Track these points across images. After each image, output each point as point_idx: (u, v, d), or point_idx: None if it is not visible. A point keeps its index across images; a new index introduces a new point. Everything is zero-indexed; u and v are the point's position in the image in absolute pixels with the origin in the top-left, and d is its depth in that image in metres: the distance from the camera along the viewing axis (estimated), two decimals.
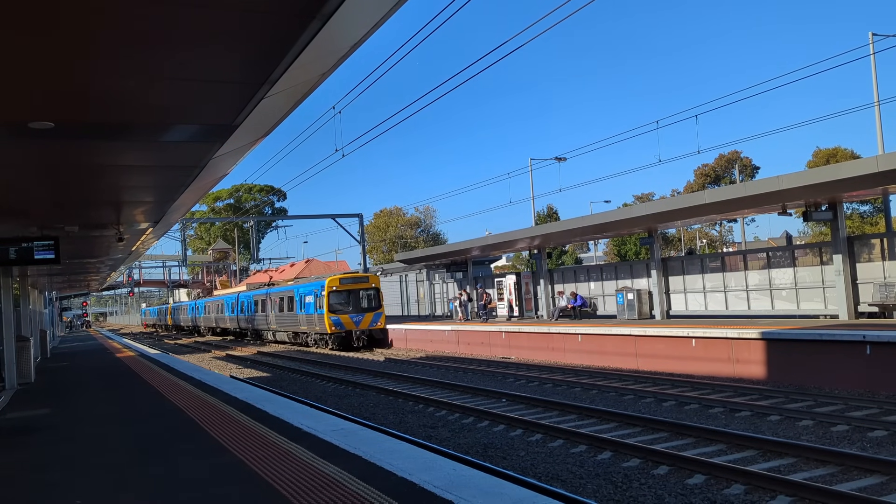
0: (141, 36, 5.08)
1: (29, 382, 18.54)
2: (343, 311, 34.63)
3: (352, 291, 35.17)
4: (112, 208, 13.17)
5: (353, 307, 34.88)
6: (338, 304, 34.74)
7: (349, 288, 35.20)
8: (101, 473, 7.72)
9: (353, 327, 34.57)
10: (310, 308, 36.51)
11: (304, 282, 40.43)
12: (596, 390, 17.25)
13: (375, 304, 35.62)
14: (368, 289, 35.85)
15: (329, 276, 36.71)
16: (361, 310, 35.11)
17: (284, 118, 8.18)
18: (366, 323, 34.93)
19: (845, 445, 10.73)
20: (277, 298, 42.31)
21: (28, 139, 7.46)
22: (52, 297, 50.30)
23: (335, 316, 34.44)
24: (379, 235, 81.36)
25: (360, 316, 34.91)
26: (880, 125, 28.82)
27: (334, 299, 34.81)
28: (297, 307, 38.53)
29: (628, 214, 24.65)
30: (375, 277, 37.06)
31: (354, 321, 34.60)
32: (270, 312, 43.68)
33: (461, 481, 6.32)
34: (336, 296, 34.87)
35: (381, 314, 35.74)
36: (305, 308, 37.20)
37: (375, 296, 35.89)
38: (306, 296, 37.11)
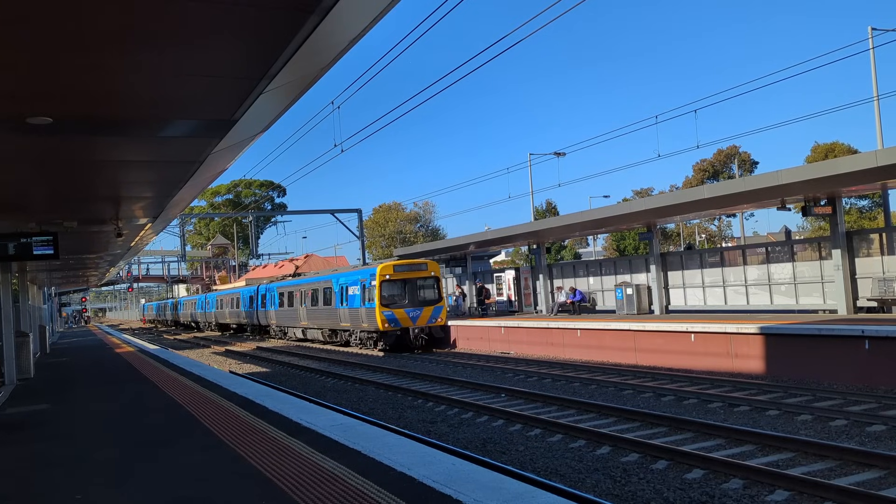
0: (140, 31, 5.07)
1: (28, 378, 18.54)
2: (397, 305, 29.25)
3: (408, 281, 29.66)
4: (111, 204, 13.17)
5: (409, 300, 29.50)
6: (391, 296, 29.42)
7: (405, 277, 29.75)
8: (100, 468, 7.72)
9: (409, 324, 29.15)
10: (354, 301, 31.27)
11: (345, 270, 35.34)
12: (595, 385, 17.27)
13: (435, 296, 30.32)
14: (427, 277, 30.36)
15: (381, 263, 30.99)
16: (419, 303, 29.70)
17: (283, 113, 8.17)
18: (424, 319, 29.51)
19: (844, 440, 10.75)
20: (310, 290, 36.85)
21: (26, 134, 7.45)
22: (51, 293, 50.29)
23: (388, 310, 28.95)
24: (378, 230, 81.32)
25: (417, 310, 29.42)
26: (879, 120, 28.83)
27: (387, 290, 29.36)
28: (338, 300, 33.05)
29: (627, 209, 24.62)
30: (435, 264, 31.18)
31: (411, 317, 29.25)
32: (300, 307, 38.25)
33: (460, 476, 6.33)
34: (389, 286, 29.43)
35: (443, 308, 30.32)
36: (349, 301, 31.82)
37: (435, 286, 30.48)
38: (350, 286, 31.83)
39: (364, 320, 30.42)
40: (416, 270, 30.34)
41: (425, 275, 30.37)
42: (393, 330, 29.18)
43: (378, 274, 29.32)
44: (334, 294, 33.52)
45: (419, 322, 29.43)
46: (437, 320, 29.99)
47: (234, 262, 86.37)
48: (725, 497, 8.25)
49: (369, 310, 29.73)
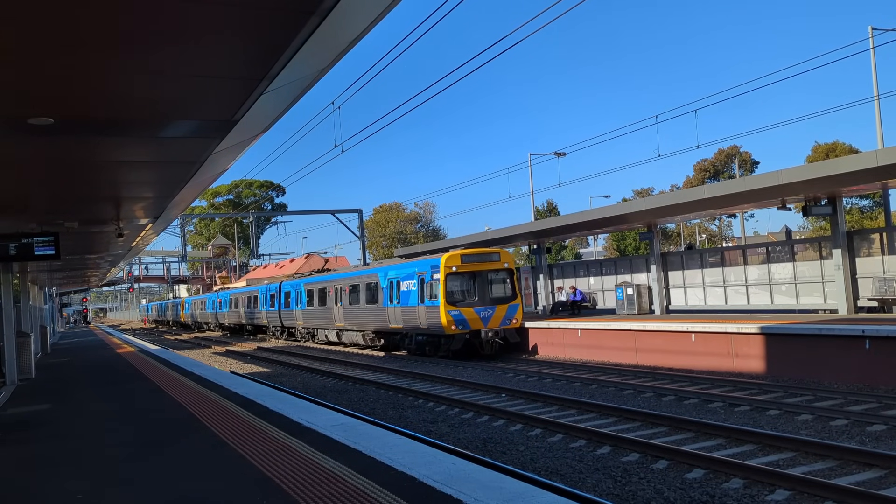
0: (141, 32, 5.09)
1: (29, 378, 18.56)
2: (466, 303, 24.73)
3: (477, 274, 25.15)
4: (112, 204, 13.18)
5: (479, 296, 24.99)
6: (458, 293, 24.97)
7: (474, 269, 25.15)
8: (102, 468, 7.74)
9: (480, 326, 24.57)
10: (409, 298, 26.62)
11: (394, 262, 30.03)
12: (595, 385, 17.27)
13: (509, 293, 25.65)
14: (499, 270, 25.69)
15: (447, 253, 25.57)
16: (491, 300, 25.10)
17: (284, 114, 8.18)
18: (497, 319, 24.89)
19: (844, 440, 10.75)
20: (347, 287, 32.19)
21: (28, 135, 7.46)
22: (52, 293, 50.33)
23: (455, 310, 24.36)
24: (378, 231, 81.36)
25: (489, 310, 24.84)
26: (880, 119, 28.83)
27: (453, 285, 24.89)
28: (385, 297, 28.43)
29: (628, 209, 24.64)
30: (508, 255, 26.44)
31: (482, 317, 24.63)
32: (335, 306, 33.51)
33: (461, 475, 6.34)
34: (456, 280, 24.96)
35: (518, 307, 25.56)
36: (401, 298, 27.13)
37: (509, 280, 25.78)
38: (403, 281, 27.11)
39: (423, 321, 25.63)
40: (487, 261, 25.62)
41: (497, 266, 25.63)
42: (461, 333, 24.36)
43: (443, 265, 24.66)
44: (381, 290, 28.83)
45: (491, 323, 24.74)
46: (511, 321, 25.17)
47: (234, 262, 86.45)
48: (726, 497, 8.26)
49: (430, 309, 25.03)
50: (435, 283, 24.84)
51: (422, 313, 25.64)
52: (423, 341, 26.62)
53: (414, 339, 27.10)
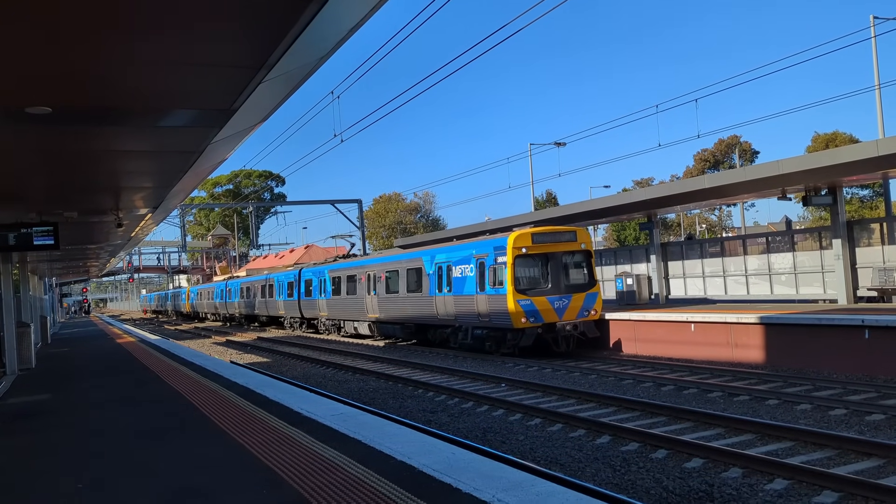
0: (139, 19, 5.06)
1: (30, 368, 18.59)
2: (538, 291, 20.94)
3: (551, 257, 21.27)
4: (111, 194, 13.17)
5: (553, 283, 21.12)
6: (529, 279, 21.20)
7: (547, 250, 21.27)
8: (102, 458, 7.75)
9: (554, 318, 20.74)
10: (464, 285, 22.83)
11: (443, 244, 26.04)
12: (595, 375, 17.30)
13: (587, 279, 21.82)
14: (576, 252, 21.80)
15: (515, 232, 21.49)
16: (567, 288, 21.26)
17: (283, 103, 8.16)
18: (574, 310, 21.05)
19: (843, 429, 10.78)
20: (383, 273, 28.69)
21: (26, 124, 7.44)
22: (52, 284, 50.35)
23: (526, 299, 20.56)
24: (378, 221, 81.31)
25: (564, 299, 21.00)
26: (881, 109, 28.74)
27: (523, 269, 21.13)
28: (433, 285, 24.71)
29: (628, 199, 24.62)
30: (585, 233, 22.32)
31: (556, 308, 20.82)
32: (368, 295, 29.97)
33: (460, 464, 6.35)
34: (526, 263, 21.15)
35: (597, 295, 21.72)
36: (454, 286, 23.32)
37: (586, 264, 21.97)
38: (457, 265, 23.27)
39: (483, 312, 21.94)
40: (562, 241, 21.60)
41: (573, 247, 21.68)
42: (532, 326, 20.55)
43: (510, 246, 20.82)
44: (426, 277, 25.22)
45: (567, 315, 20.96)
46: (589, 313, 21.33)
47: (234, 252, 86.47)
48: (724, 486, 8.28)
49: (494, 298, 21.31)
50: (500, 267, 21.08)
51: (481, 303, 21.90)
52: (481, 336, 22.63)
53: (470, 333, 23.13)
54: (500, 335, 21.81)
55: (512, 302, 20.57)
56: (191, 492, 6.21)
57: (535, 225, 23.14)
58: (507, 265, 20.81)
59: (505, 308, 20.80)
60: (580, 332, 21.13)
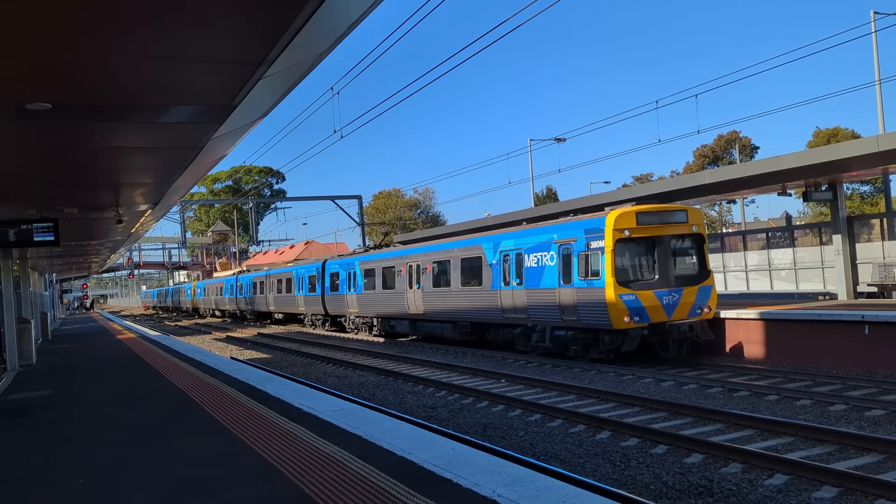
0: (138, 15, 5.05)
1: (30, 364, 18.61)
2: (642, 284, 17.44)
3: (657, 242, 17.71)
4: (111, 190, 13.17)
5: (660, 274, 17.62)
6: (631, 269, 17.72)
7: (653, 233, 17.72)
8: (103, 453, 7.77)
9: (662, 317, 17.24)
10: (543, 276, 19.16)
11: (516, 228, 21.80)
12: (594, 371, 17.31)
13: (699, 269, 18.32)
14: (685, 235, 18.28)
15: (615, 211, 17.79)
16: (677, 280, 17.73)
17: (282, 99, 8.16)
18: (685, 308, 17.54)
19: (843, 424, 10.79)
20: (430, 264, 25.33)
21: (25, 120, 7.44)
22: (52, 280, 50.37)
23: (629, 293, 17.03)
24: (378, 217, 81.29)
25: (674, 293, 17.47)
26: (881, 104, 28.72)
27: (625, 256, 17.62)
28: (496, 276, 21.22)
29: (627, 195, 24.60)
30: (698, 213, 18.80)
31: (665, 304, 17.29)
32: (410, 289, 26.48)
33: (460, 460, 6.36)
34: (628, 249, 17.65)
35: (711, 288, 18.18)
36: (528, 278, 19.74)
37: (699, 250, 18.49)
38: (531, 253, 19.74)
39: (569, 309, 18.27)
40: (671, 222, 18.03)
41: (684, 230, 18.16)
42: (638, 327, 17.06)
43: (610, 228, 17.20)
44: (487, 267, 21.74)
45: (677, 313, 17.41)
46: (703, 310, 17.83)
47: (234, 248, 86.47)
48: (724, 481, 8.29)
49: (585, 292, 17.72)
50: (594, 254, 17.49)
51: (566, 298, 18.28)
52: (564, 338, 18.80)
53: (550, 334, 19.29)
54: (592, 337, 18.10)
55: (612, 297, 16.96)
56: (192, 486, 6.22)
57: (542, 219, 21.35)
58: (605, 251, 17.19)
59: (602, 304, 17.18)
60: (696, 333, 17.49)
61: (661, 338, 17.38)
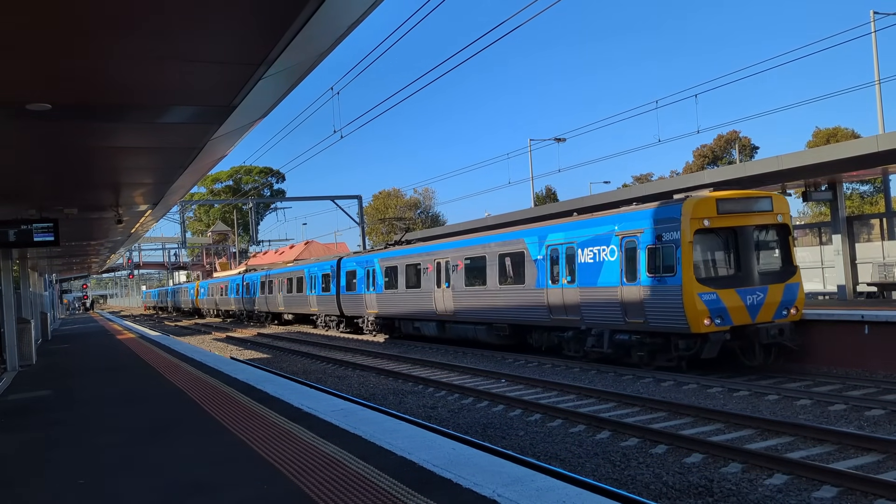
0: (138, 17, 5.05)
1: (30, 364, 18.61)
2: (723, 281, 15.57)
3: (739, 233, 15.77)
4: (111, 190, 13.17)
5: (743, 270, 15.72)
6: (710, 263, 15.86)
7: (735, 223, 15.78)
8: (103, 454, 7.77)
9: (745, 319, 15.28)
10: (601, 273, 17.16)
11: (566, 220, 19.47)
12: (594, 371, 17.31)
13: (784, 265, 16.45)
14: (769, 226, 16.36)
15: (692, 198, 15.75)
16: (761, 277, 15.80)
17: (282, 99, 8.16)
18: (770, 308, 15.58)
19: (842, 424, 10.80)
20: (461, 261, 23.23)
21: (26, 121, 7.44)
22: (52, 280, 50.36)
23: (710, 292, 15.09)
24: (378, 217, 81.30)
25: (758, 292, 15.54)
26: (881, 104, 28.72)
27: (703, 250, 15.70)
28: (542, 274, 19.31)
29: (627, 195, 24.62)
30: (783, 200, 16.72)
31: (748, 304, 15.37)
32: (438, 288, 24.48)
33: (460, 460, 6.37)
34: (708, 241, 15.78)
35: (798, 287, 16.19)
36: (582, 275, 17.77)
37: (783, 243, 16.57)
38: (585, 247, 17.73)
39: (633, 310, 16.24)
40: (754, 211, 16.04)
41: (769, 220, 16.19)
42: (719, 331, 15.06)
43: (687, 217, 15.22)
44: (532, 264, 19.77)
45: (761, 315, 15.46)
46: (789, 311, 15.85)
47: (234, 248, 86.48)
48: (724, 481, 8.30)
49: (655, 291, 15.70)
50: (667, 247, 15.45)
51: (631, 298, 16.25)
52: (627, 343, 16.73)
53: (607, 338, 17.26)
54: (662, 342, 16.09)
55: (690, 296, 14.94)
56: (192, 486, 6.22)
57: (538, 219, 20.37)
58: (681, 244, 15.15)
59: (677, 304, 15.16)
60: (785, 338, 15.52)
61: (743, 343, 15.47)
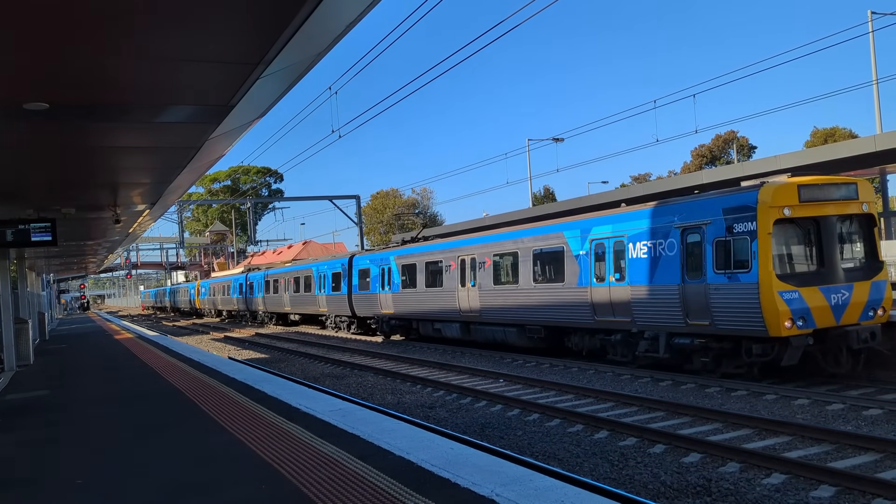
0: (136, 16, 5.05)
1: (28, 364, 18.59)
2: (805, 278, 13.77)
3: (821, 223, 13.96)
4: (109, 190, 13.16)
5: (826, 265, 13.93)
6: (791, 257, 14.13)
7: (818, 213, 13.96)
8: (100, 454, 7.76)
9: (829, 321, 13.51)
10: (658, 270, 15.46)
11: (612, 211, 17.75)
12: (592, 370, 17.32)
13: (870, 259, 14.58)
14: (852, 217, 14.52)
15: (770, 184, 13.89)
16: (845, 274, 13.97)
17: (281, 98, 8.16)
18: (856, 309, 13.78)
19: (840, 424, 10.80)
20: (489, 257, 21.62)
21: (23, 120, 7.44)
22: (49, 280, 50.32)
23: (792, 290, 13.31)
24: (376, 217, 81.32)
25: (843, 290, 13.76)
26: (878, 104, 28.78)
27: (783, 243, 13.98)
28: (585, 271, 17.63)
29: (626, 195, 24.65)
30: (868, 186, 14.89)
31: (833, 304, 13.58)
32: (462, 287, 22.83)
33: (458, 459, 6.37)
34: (788, 234, 14.06)
35: (885, 284, 14.41)
36: (634, 271, 16.07)
37: (868, 235, 14.72)
38: (636, 241, 16.09)
39: (697, 311, 14.51)
40: (836, 199, 14.20)
41: (853, 209, 14.37)
42: (801, 334, 13.28)
43: (766, 204, 13.49)
44: (573, 260, 18.05)
45: (846, 316, 13.66)
46: (876, 312, 14.02)
47: (232, 248, 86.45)
48: (722, 480, 8.30)
49: (725, 289, 14.01)
50: (740, 239, 13.78)
51: (695, 297, 14.57)
52: (689, 347, 14.96)
53: (663, 342, 15.50)
54: (731, 347, 14.32)
55: (769, 295, 13.19)
56: (190, 486, 6.22)
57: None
58: (757, 236, 13.45)
59: (752, 304, 13.45)
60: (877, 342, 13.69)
61: (827, 347, 13.67)
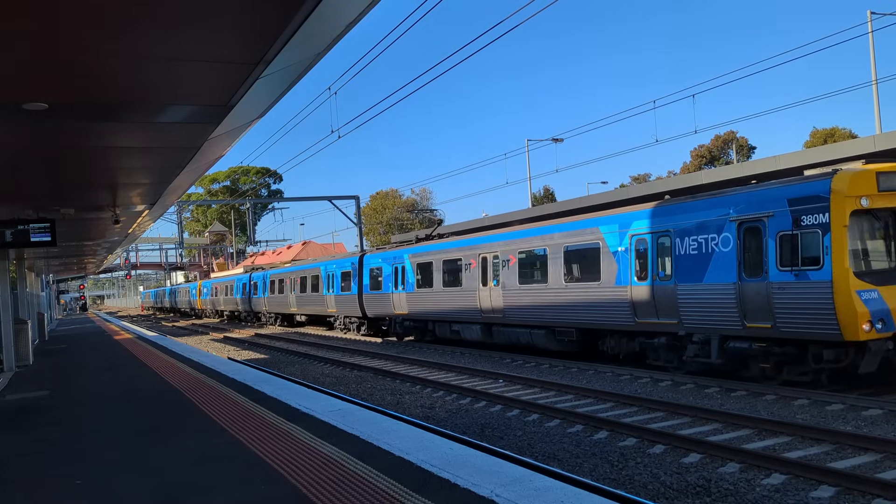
0: (134, 15, 5.04)
1: (27, 364, 18.58)
2: (886, 277, 12.51)
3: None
4: (108, 190, 13.16)
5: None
6: (868, 253, 12.86)
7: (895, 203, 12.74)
8: (100, 454, 7.75)
9: None
10: (709, 268, 14.18)
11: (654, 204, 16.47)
12: (592, 371, 17.32)
13: None
14: None
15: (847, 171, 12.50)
16: None
17: (280, 99, 8.15)
18: None
19: (840, 424, 10.80)
20: (513, 255, 20.60)
21: (22, 120, 7.43)
22: (49, 280, 50.30)
23: (871, 290, 12.05)
24: (375, 217, 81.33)
25: None
26: (878, 104, 28.79)
27: (859, 237, 12.67)
28: (624, 268, 16.46)
29: (625, 195, 24.65)
30: None
31: None
32: (484, 286, 21.73)
33: (458, 460, 6.37)
34: (863, 225, 12.74)
35: None
36: (681, 269, 14.85)
37: None
38: (687, 237, 14.81)
39: (756, 312, 13.26)
40: None
41: None
42: (880, 338, 12.12)
43: (841, 194, 12.18)
44: (609, 257, 16.87)
45: None
46: None
47: (231, 249, 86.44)
48: (722, 480, 8.30)
49: (789, 287, 12.74)
50: (810, 233, 12.46)
51: (754, 297, 13.33)
52: (747, 352, 13.77)
53: (718, 346, 14.22)
54: (795, 352, 13.08)
55: (845, 294, 11.93)
56: (189, 487, 6.21)
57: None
58: (830, 229, 12.11)
59: (826, 306, 12.14)
60: None
61: None
